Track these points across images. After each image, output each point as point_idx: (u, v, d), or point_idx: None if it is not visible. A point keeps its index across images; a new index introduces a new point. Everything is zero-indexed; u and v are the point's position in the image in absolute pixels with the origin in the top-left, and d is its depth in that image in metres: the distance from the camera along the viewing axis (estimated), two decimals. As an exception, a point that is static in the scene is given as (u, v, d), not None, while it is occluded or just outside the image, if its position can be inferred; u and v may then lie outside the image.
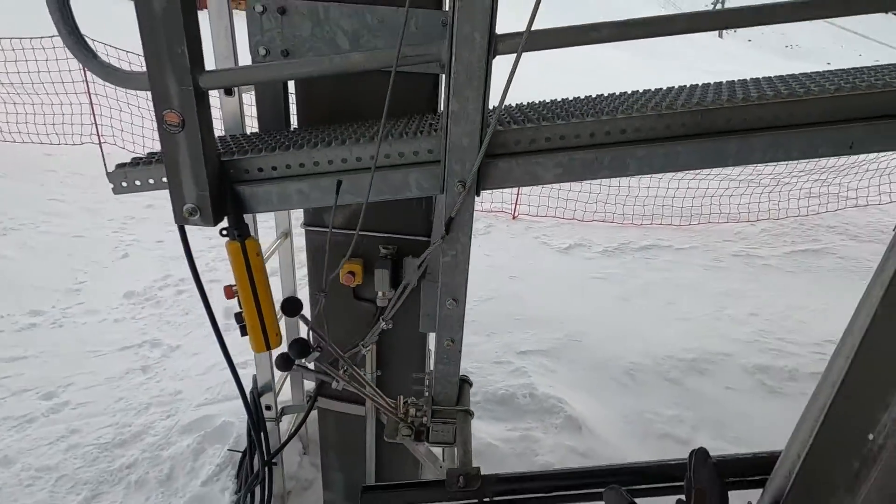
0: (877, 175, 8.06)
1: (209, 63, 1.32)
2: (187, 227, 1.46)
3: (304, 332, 2.67)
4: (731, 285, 5.65)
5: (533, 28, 1.15)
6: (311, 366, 1.63)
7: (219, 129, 1.55)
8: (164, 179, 1.45)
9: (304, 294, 2.32)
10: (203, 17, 1.47)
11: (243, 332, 1.50)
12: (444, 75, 1.34)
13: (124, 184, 1.48)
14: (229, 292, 1.45)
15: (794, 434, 1.19)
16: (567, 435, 3.30)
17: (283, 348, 1.57)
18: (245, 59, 1.84)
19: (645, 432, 3.52)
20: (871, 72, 1.53)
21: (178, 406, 3.30)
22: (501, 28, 1.20)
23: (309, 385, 3.43)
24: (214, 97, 1.62)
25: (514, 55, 1.20)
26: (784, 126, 1.37)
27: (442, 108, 1.37)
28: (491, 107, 1.29)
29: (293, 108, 2.12)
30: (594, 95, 1.78)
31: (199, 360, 3.76)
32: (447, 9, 1.79)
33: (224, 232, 1.44)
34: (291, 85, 2.07)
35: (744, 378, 4.09)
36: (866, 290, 0.80)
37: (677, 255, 6.32)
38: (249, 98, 2.11)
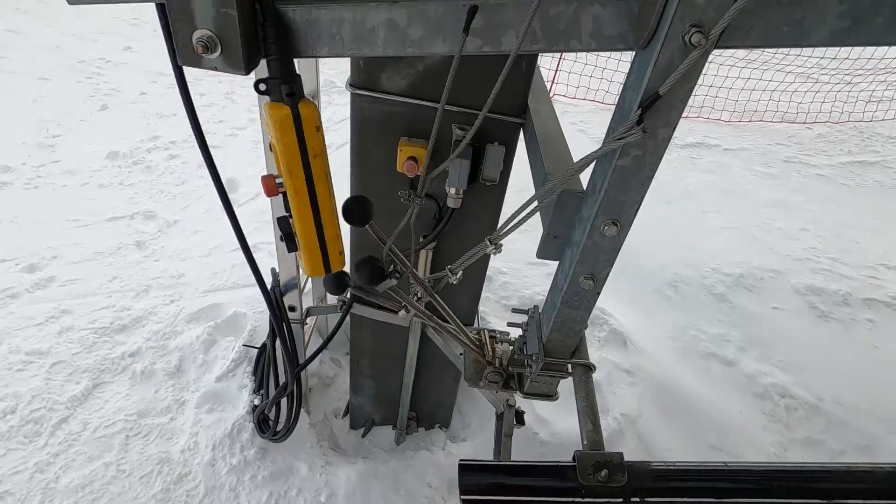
0: (954, 81, 7.18)
1: None
2: (190, 70, 0.88)
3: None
4: (781, 195, 5.16)
5: None
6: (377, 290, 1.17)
7: None
8: (154, -18, 0.83)
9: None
10: None
11: (291, 247, 1.00)
12: None
13: (84, -15, 0.85)
14: (271, 186, 0.92)
15: None
16: (612, 349, 3.04)
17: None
18: None
19: (689, 350, 3.29)
20: None
21: (181, 291, 2.92)
22: None
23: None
24: None
25: None
26: None
27: None
28: None
29: None
30: None
31: (202, 240, 3.31)
32: None
33: (262, 87, 0.86)
34: None
35: (793, 298, 3.80)
36: None
37: (725, 157, 5.71)
38: None
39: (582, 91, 6.21)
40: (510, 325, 1.38)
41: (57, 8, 5.77)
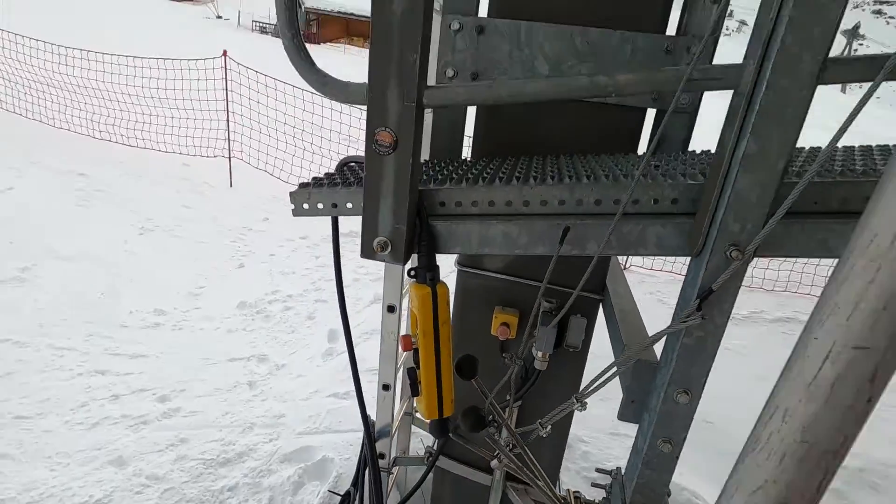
0: None
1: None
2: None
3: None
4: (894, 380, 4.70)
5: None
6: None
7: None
8: (350, 205, 1.28)
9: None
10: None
11: (414, 392, 1.26)
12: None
13: (306, 205, 1.33)
14: (407, 343, 1.23)
15: None
16: (711, 543, 2.74)
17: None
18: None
19: (807, 556, 2.84)
20: None
21: (280, 431, 3.18)
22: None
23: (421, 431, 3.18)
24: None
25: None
26: None
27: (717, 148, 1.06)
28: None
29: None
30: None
31: (303, 384, 3.66)
32: (681, 33, 1.53)
33: (412, 273, 1.23)
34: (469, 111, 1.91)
35: (936, 505, 3.25)
36: None
37: (822, 333, 5.43)
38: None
39: (658, 262, 6.46)
40: (594, 485, 1.45)
41: (219, 189, 7.34)
